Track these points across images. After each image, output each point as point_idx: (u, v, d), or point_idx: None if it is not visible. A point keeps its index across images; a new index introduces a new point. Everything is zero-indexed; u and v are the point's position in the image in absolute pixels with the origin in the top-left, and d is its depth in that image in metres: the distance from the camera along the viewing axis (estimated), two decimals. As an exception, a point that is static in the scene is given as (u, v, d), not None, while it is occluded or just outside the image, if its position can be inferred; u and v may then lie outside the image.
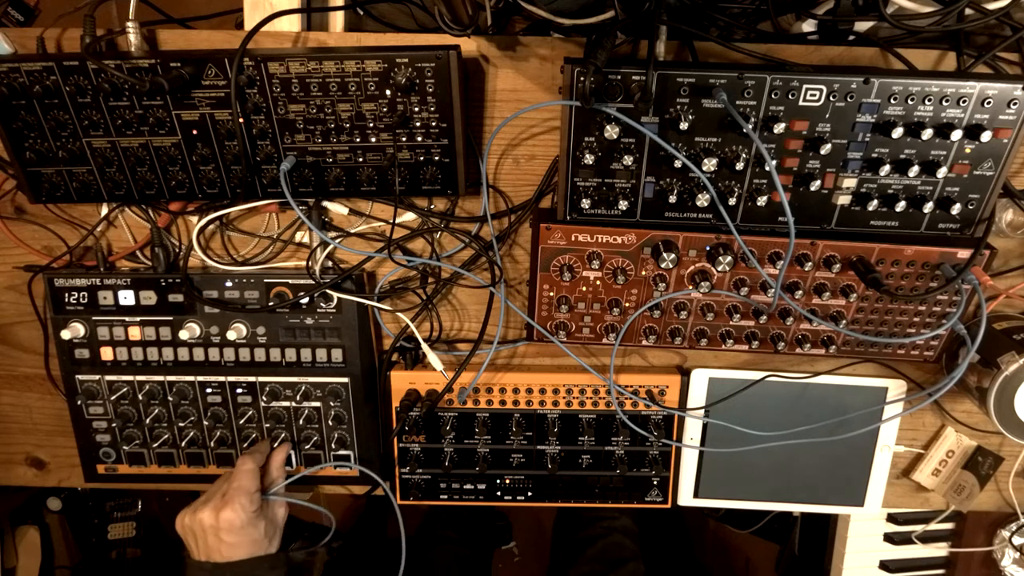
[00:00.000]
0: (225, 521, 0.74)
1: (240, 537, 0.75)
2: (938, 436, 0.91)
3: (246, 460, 0.80)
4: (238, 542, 0.75)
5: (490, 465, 0.88)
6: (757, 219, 0.70)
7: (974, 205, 0.68)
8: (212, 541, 0.75)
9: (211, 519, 0.74)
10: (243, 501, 0.75)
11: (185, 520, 0.77)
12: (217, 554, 0.75)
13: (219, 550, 0.75)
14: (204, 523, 0.75)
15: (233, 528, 0.74)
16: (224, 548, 0.74)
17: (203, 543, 0.75)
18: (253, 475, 0.79)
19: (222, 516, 0.74)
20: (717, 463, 0.90)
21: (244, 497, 0.76)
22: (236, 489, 0.76)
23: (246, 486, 0.77)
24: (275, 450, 0.84)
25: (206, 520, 0.75)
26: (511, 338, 0.85)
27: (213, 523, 0.74)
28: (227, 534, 0.74)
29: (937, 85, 0.62)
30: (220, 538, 0.74)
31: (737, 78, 0.62)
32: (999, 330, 0.80)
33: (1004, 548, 1.02)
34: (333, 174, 0.71)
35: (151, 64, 0.65)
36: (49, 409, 0.91)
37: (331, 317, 0.81)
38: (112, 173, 0.72)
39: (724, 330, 0.79)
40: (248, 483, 0.77)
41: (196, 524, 0.75)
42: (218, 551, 0.75)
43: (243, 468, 0.79)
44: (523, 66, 0.72)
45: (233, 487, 0.76)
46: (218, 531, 0.74)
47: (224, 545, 0.74)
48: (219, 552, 0.75)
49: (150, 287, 0.80)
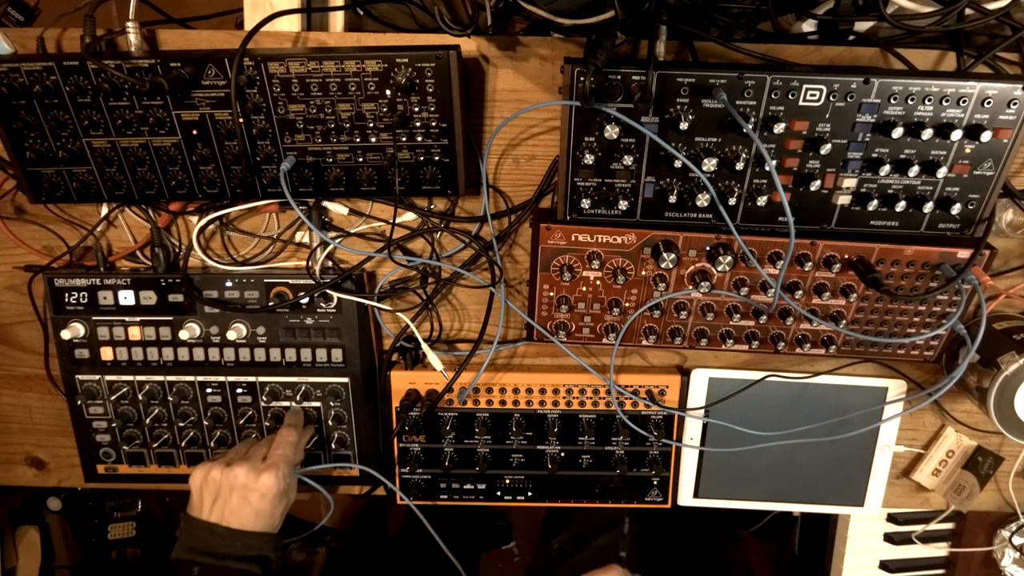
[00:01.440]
0: (264, 485, 0.71)
1: (269, 506, 0.72)
2: (938, 436, 0.91)
3: (291, 431, 0.78)
4: (263, 510, 0.71)
5: (490, 465, 0.88)
6: (757, 219, 0.70)
7: (974, 205, 0.68)
8: (236, 502, 0.71)
9: (248, 479, 0.71)
10: (286, 470, 0.73)
11: (212, 472, 0.72)
12: (234, 517, 0.71)
13: (239, 513, 0.71)
14: (238, 480, 0.71)
15: (267, 494, 0.71)
16: (246, 512, 0.71)
17: (223, 502, 0.72)
18: (296, 448, 0.77)
19: (262, 479, 0.71)
20: (717, 463, 0.90)
21: (287, 466, 0.74)
22: (281, 456, 0.74)
23: (289, 456, 0.75)
24: (304, 429, 0.83)
25: (241, 478, 0.71)
26: (511, 338, 0.85)
27: (248, 483, 0.71)
28: (258, 499, 0.71)
29: (937, 85, 0.62)
30: (247, 500, 0.71)
31: (737, 78, 0.62)
32: (999, 330, 0.80)
33: (1004, 548, 1.02)
34: (333, 174, 0.71)
35: (151, 64, 0.65)
36: (49, 409, 0.91)
37: (331, 317, 0.81)
38: (112, 173, 0.72)
39: (724, 330, 0.79)
40: (291, 454, 0.75)
41: (227, 479, 0.71)
42: (237, 514, 0.71)
43: (289, 439, 0.77)
44: (523, 66, 0.72)
45: (278, 453, 0.74)
46: (249, 492, 0.71)
47: (248, 509, 0.71)
48: (238, 516, 0.71)
49: (150, 287, 0.80)
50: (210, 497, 0.73)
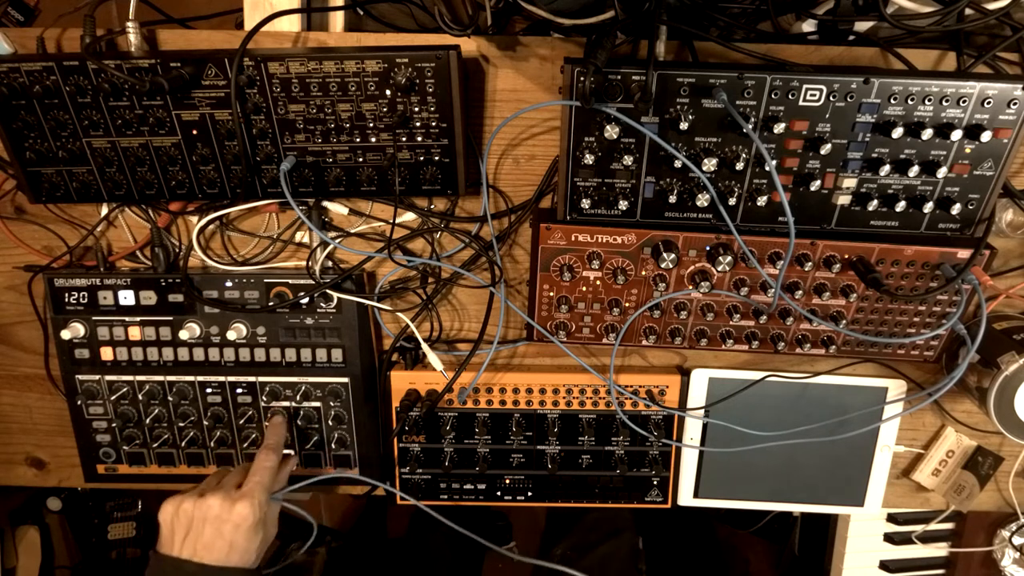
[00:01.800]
0: (238, 515, 0.68)
1: (243, 539, 0.68)
2: (938, 436, 0.91)
3: (269, 455, 0.75)
4: (237, 543, 0.68)
5: (490, 465, 0.88)
6: (757, 219, 0.70)
7: (974, 205, 0.68)
8: (209, 535, 0.68)
9: (222, 509, 0.68)
10: (261, 498, 0.70)
11: (184, 504, 0.69)
12: (207, 552, 0.67)
13: (213, 547, 0.67)
14: (211, 511, 0.68)
15: (242, 525, 0.68)
16: (219, 546, 0.68)
17: (196, 535, 0.68)
18: (273, 473, 0.74)
19: (236, 508, 0.68)
20: (717, 463, 0.90)
21: (263, 494, 0.70)
22: (256, 484, 0.71)
23: (266, 483, 0.72)
24: (285, 461, 0.80)
25: (215, 508, 0.68)
26: (511, 338, 0.85)
27: (220, 513, 0.68)
28: (232, 530, 0.68)
29: (937, 85, 0.62)
30: (221, 532, 0.68)
31: (737, 78, 0.62)
32: (999, 330, 0.80)
33: (1004, 548, 1.02)
34: (333, 174, 0.71)
35: (151, 64, 0.65)
36: (49, 409, 0.91)
37: (331, 317, 0.81)
38: (112, 173, 0.72)
39: (724, 330, 0.79)
40: (268, 480, 0.72)
41: (199, 510, 0.68)
42: (210, 548, 0.67)
43: (266, 463, 0.74)
44: (523, 66, 0.72)
45: (254, 480, 0.71)
46: (223, 524, 0.68)
47: (221, 542, 0.68)
48: (211, 550, 0.67)
49: (150, 287, 0.80)
50: (181, 531, 0.69)
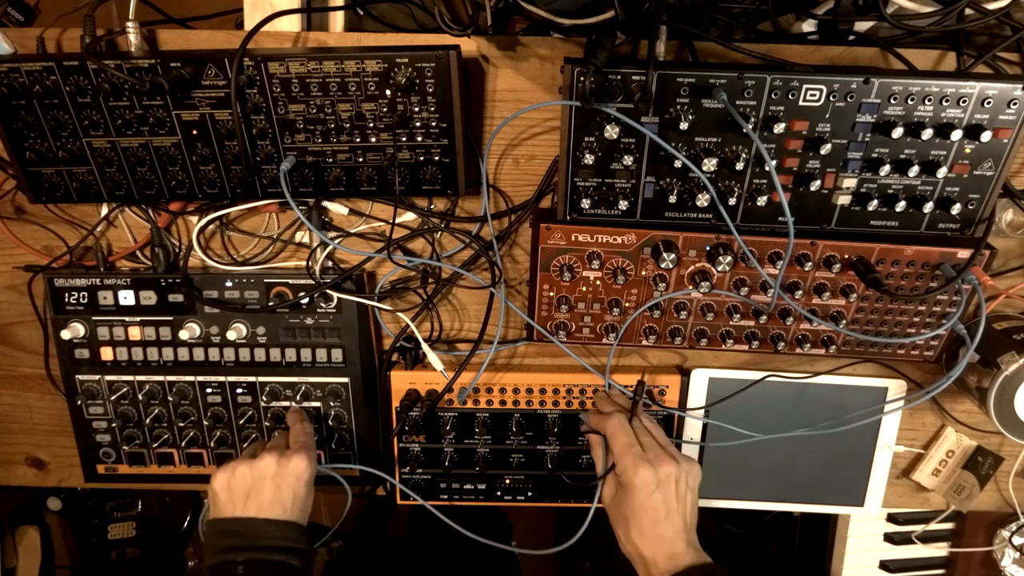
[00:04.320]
0: (297, 467, 0.70)
1: (304, 490, 0.70)
2: (938, 436, 0.91)
3: (305, 424, 0.79)
4: (299, 494, 0.70)
5: (490, 465, 0.88)
6: (757, 219, 0.70)
7: (974, 205, 0.68)
8: (270, 491, 0.69)
9: (279, 465, 0.69)
10: (311, 453, 0.73)
11: (239, 468, 0.70)
12: (271, 508, 0.68)
13: (276, 502, 0.69)
14: (268, 469, 0.69)
15: (302, 476, 0.70)
16: (284, 498, 0.69)
17: (257, 494, 0.69)
18: (312, 437, 0.77)
19: (294, 462, 0.70)
20: (717, 463, 0.90)
21: (312, 451, 0.74)
22: (302, 444, 0.74)
23: (311, 444, 0.75)
24: None
25: (272, 466, 0.69)
26: (511, 338, 0.85)
27: (280, 470, 0.69)
28: (295, 482, 0.69)
29: (937, 85, 0.62)
30: (282, 487, 0.69)
31: (737, 78, 0.62)
32: (999, 330, 0.80)
33: (1004, 548, 1.02)
34: (333, 174, 0.71)
35: (151, 64, 0.65)
36: (49, 409, 0.91)
37: (331, 317, 0.81)
38: (112, 173, 0.72)
39: (724, 330, 0.79)
40: (312, 443, 0.76)
41: (256, 471, 0.69)
42: (274, 504, 0.69)
43: (306, 429, 0.77)
44: (523, 66, 0.72)
45: (300, 440, 0.74)
46: (283, 478, 0.69)
47: (286, 494, 0.69)
48: (275, 505, 0.69)
49: (150, 287, 0.80)
50: (242, 493, 0.70)
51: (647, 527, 0.68)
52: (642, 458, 0.69)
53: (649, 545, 0.68)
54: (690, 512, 0.69)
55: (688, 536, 0.68)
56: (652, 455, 0.70)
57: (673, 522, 0.68)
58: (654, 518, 0.68)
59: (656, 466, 0.68)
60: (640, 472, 0.68)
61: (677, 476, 0.69)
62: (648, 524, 0.68)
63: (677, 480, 0.69)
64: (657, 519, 0.68)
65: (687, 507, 0.69)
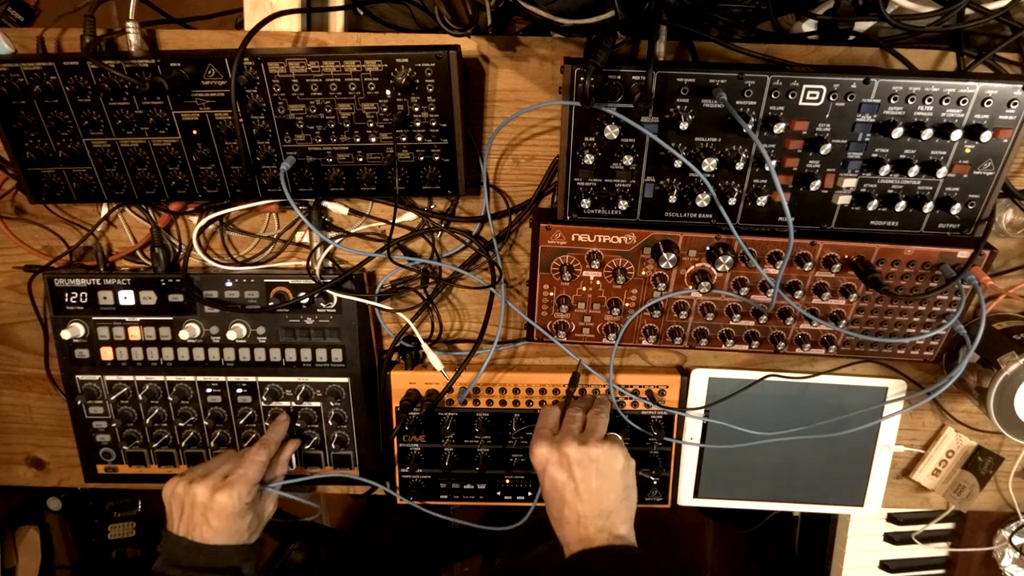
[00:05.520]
0: (217, 504, 0.73)
1: (225, 524, 0.73)
2: (938, 436, 0.91)
3: (260, 451, 0.79)
4: (221, 528, 0.73)
5: (490, 465, 0.88)
6: (757, 219, 0.70)
7: (974, 205, 0.68)
8: (197, 518, 0.73)
9: (205, 497, 0.73)
10: (243, 491, 0.74)
11: (177, 488, 0.75)
12: (197, 533, 0.73)
13: (200, 529, 0.73)
14: (196, 498, 0.73)
15: (223, 514, 0.73)
16: (205, 529, 0.73)
17: (187, 517, 0.74)
18: (262, 468, 0.78)
19: (216, 498, 0.73)
20: (717, 463, 0.90)
21: (245, 487, 0.75)
22: (241, 476, 0.75)
23: (251, 476, 0.76)
24: (284, 445, 0.84)
25: (199, 496, 0.73)
26: (511, 338, 0.85)
27: (205, 501, 0.73)
28: (215, 517, 0.73)
29: (937, 85, 0.62)
30: (206, 518, 0.73)
31: (737, 78, 0.62)
32: (999, 330, 0.80)
33: (1004, 548, 1.02)
34: (333, 174, 0.71)
35: (151, 64, 0.65)
36: (49, 409, 0.91)
37: (331, 317, 0.81)
38: (112, 173, 0.72)
39: (724, 330, 0.79)
40: (254, 474, 0.76)
41: (188, 496, 0.74)
42: (199, 530, 0.73)
43: (255, 458, 0.78)
44: (523, 66, 0.72)
45: (239, 473, 0.75)
46: (207, 511, 0.73)
47: (207, 526, 0.73)
48: (199, 531, 0.73)
49: (150, 287, 0.80)
50: (177, 511, 0.75)
51: (554, 509, 0.69)
52: (544, 438, 0.70)
53: (559, 527, 0.68)
54: (605, 497, 0.68)
55: (603, 521, 0.67)
56: (560, 437, 0.70)
57: (576, 506, 0.67)
58: (558, 499, 0.68)
59: (556, 446, 0.68)
60: (535, 450, 0.69)
61: (580, 459, 0.68)
62: (555, 506, 0.68)
63: (580, 462, 0.68)
64: (561, 500, 0.68)
65: (597, 491, 0.67)
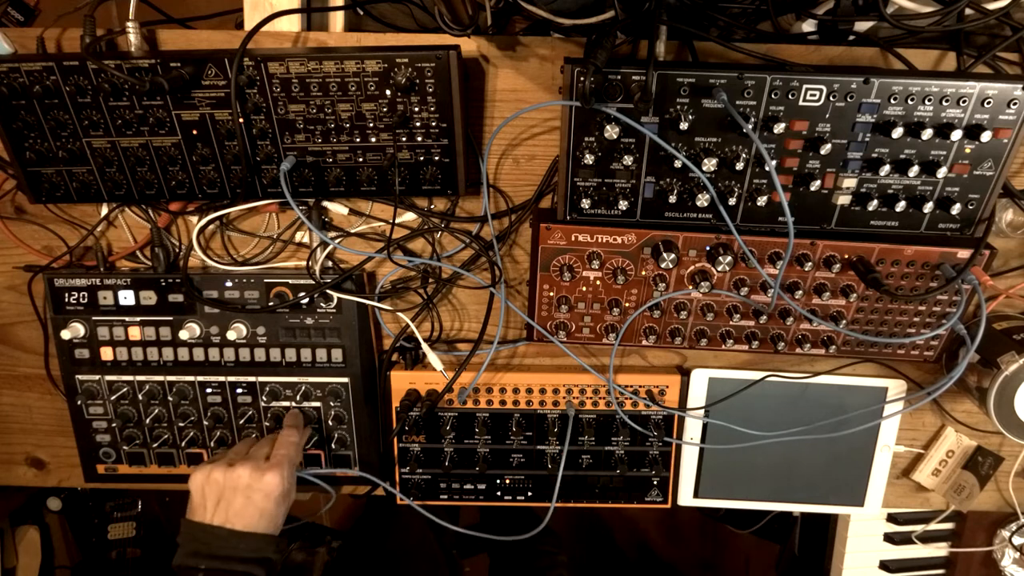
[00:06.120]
0: (268, 484, 0.70)
1: (273, 506, 0.71)
2: (938, 436, 0.91)
3: (294, 431, 0.78)
4: (267, 511, 0.71)
5: (490, 465, 0.88)
6: (757, 219, 0.70)
7: (974, 205, 0.68)
8: (239, 503, 0.70)
9: (252, 478, 0.70)
10: (289, 470, 0.73)
11: (214, 474, 0.71)
12: (238, 519, 0.70)
13: (243, 514, 0.70)
14: (241, 480, 0.70)
15: (272, 494, 0.71)
16: (250, 513, 0.70)
17: (227, 503, 0.70)
18: (299, 449, 0.77)
19: (267, 478, 0.71)
20: (717, 463, 0.90)
21: (290, 466, 0.74)
22: (284, 456, 0.74)
23: (292, 456, 0.75)
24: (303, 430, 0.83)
25: (244, 478, 0.70)
26: (511, 338, 0.85)
27: (252, 483, 0.70)
28: (263, 499, 0.70)
29: (937, 85, 0.62)
30: (251, 500, 0.70)
31: (737, 78, 0.62)
32: (999, 330, 0.80)
33: (1004, 548, 1.02)
34: (333, 174, 0.71)
35: (151, 64, 0.65)
36: (49, 409, 0.91)
37: (331, 317, 0.81)
38: (112, 173, 0.72)
39: (724, 330, 0.79)
40: (295, 455, 0.75)
41: (230, 480, 0.70)
42: (241, 515, 0.70)
43: (291, 439, 0.77)
44: (523, 66, 0.72)
45: (281, 453, 0.74)
46: (253, 492, 0.70)
47: (252, 509, 0.70)
48: (242, 517, 0.70)
49: (150, 287, 0.80)
50: (213, 499, 0.71)
51: None
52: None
53: None
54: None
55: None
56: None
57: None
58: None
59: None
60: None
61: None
62: None
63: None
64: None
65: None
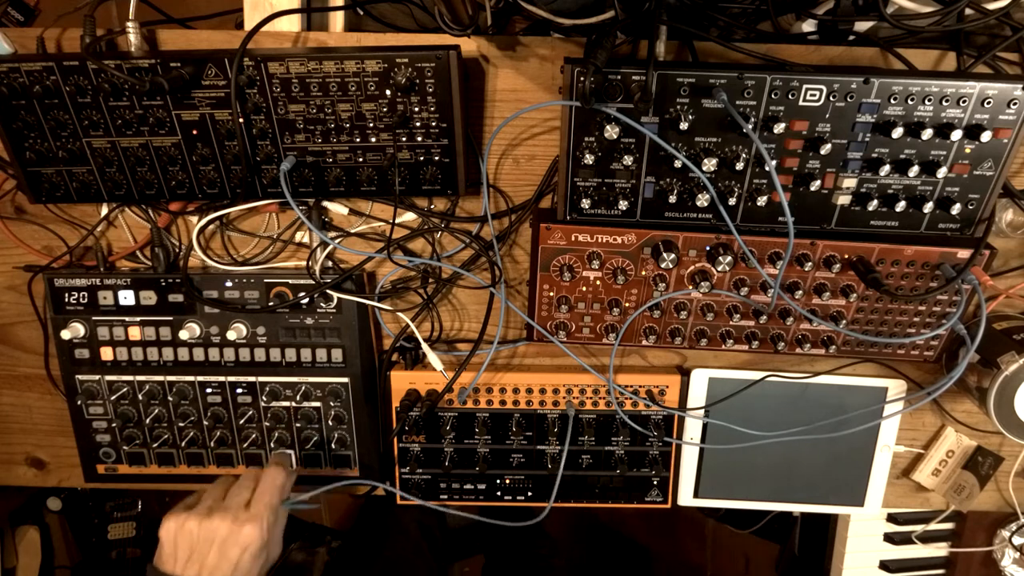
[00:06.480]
0: (246, 537, 0.65)
1: (249, 561, 0.66)
2: (938, 436, 0.91)
3: (279, 472, 0.73)
4: (243, 566, 0.66)
5: (490, 465, 0.88)
6: (757, 219, 0.70)
7: (974, 205, 0.68)
8: (213, 558, 0.65)
9: (229, 531, 0.65)
10: (270, 520, 0.68)
11: (188, 523, 0.66)
12: (211, 574, 0.65)
13: (217, 569, 0.65)
14: (217, 533, 0.65)
15: (249, 547, 0.66)
16: (224, 569, 0.65)
17: (199, 557, 0.65)
18: (283, 492, 0.72)
19: (245, 531, 0.66)
20: (717, 463, 0.90)
21: (271, 515, 0.68)
22: (266, 505, 0.69)
23: (275, 504, 0.70)
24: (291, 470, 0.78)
25: (220, 531, 0.65)
26: (511, 338, 0.85)
27: (228, 537, 0.65)
28: (240, 553, 0.65)
29: (937, 85, 0.62)
30: (226, 555, 0.65)
31: (737, 78, 0.62)
32: (999, 330, 0.80)
33: (1004, 548, 1.02)
34: (333, 174, 0.71)
35: (151, 64, 0.65)
36: (49, 409, 0.91)
37: (331, 317, 0.81)
38: (112, 173, 0.72)
39: (724, 330, 0.79)
40: (277, 501, 0.70)
41: (205, 531, 0.66)
42: (214, 571, 0.65)
43: (276, 483, 0.72)
44: (523, 66, 0.72)
45: (263, 501, 0.69)
46: (229, 547, 0.65)
47: (227, 564, 0.65)
48: (215, 572, 0.65)
49: (150, 287, 0.80)
50: (185, 550, 0.66)
51: None
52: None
53: None
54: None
55: None
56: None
57: None
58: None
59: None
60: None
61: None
62: None
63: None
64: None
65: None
